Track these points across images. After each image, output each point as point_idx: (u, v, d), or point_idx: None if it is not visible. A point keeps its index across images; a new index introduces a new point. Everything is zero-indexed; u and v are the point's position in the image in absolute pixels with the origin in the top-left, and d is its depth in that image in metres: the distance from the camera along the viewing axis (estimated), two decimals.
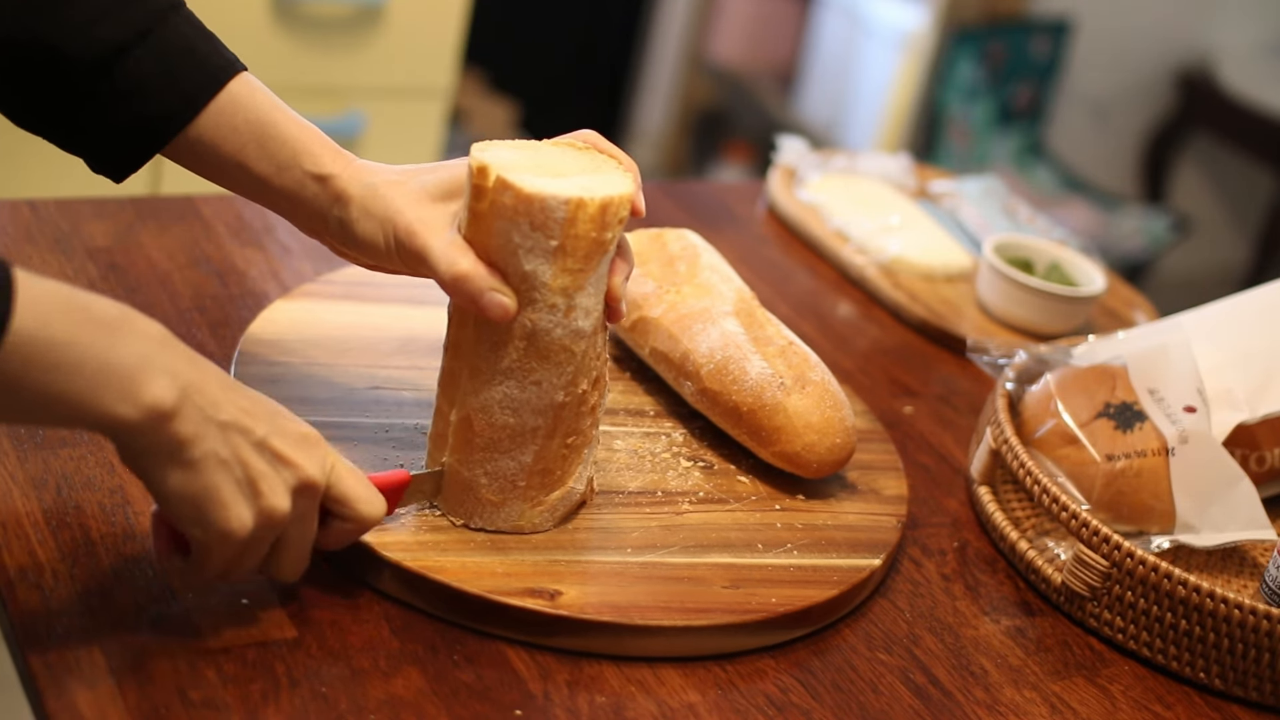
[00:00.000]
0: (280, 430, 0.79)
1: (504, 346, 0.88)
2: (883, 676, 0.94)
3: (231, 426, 0.77)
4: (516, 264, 0.86)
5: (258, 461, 0.78)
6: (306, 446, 0.80)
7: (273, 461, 0.79)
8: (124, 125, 0.91)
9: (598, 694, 0.86)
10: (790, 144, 1.67)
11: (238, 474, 0.77)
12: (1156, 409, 1.10)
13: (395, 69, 2.32)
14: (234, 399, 0.78)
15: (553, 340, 0.88)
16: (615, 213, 0.87)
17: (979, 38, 3.19)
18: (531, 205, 0.84)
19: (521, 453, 0.91)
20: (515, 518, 0.92)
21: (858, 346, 1.36)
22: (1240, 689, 0.99)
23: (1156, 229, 3.33)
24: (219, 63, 0.93)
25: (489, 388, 0.89)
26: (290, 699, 0.80)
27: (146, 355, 0.73)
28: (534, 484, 0.92)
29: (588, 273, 0.87)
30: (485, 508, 0.92)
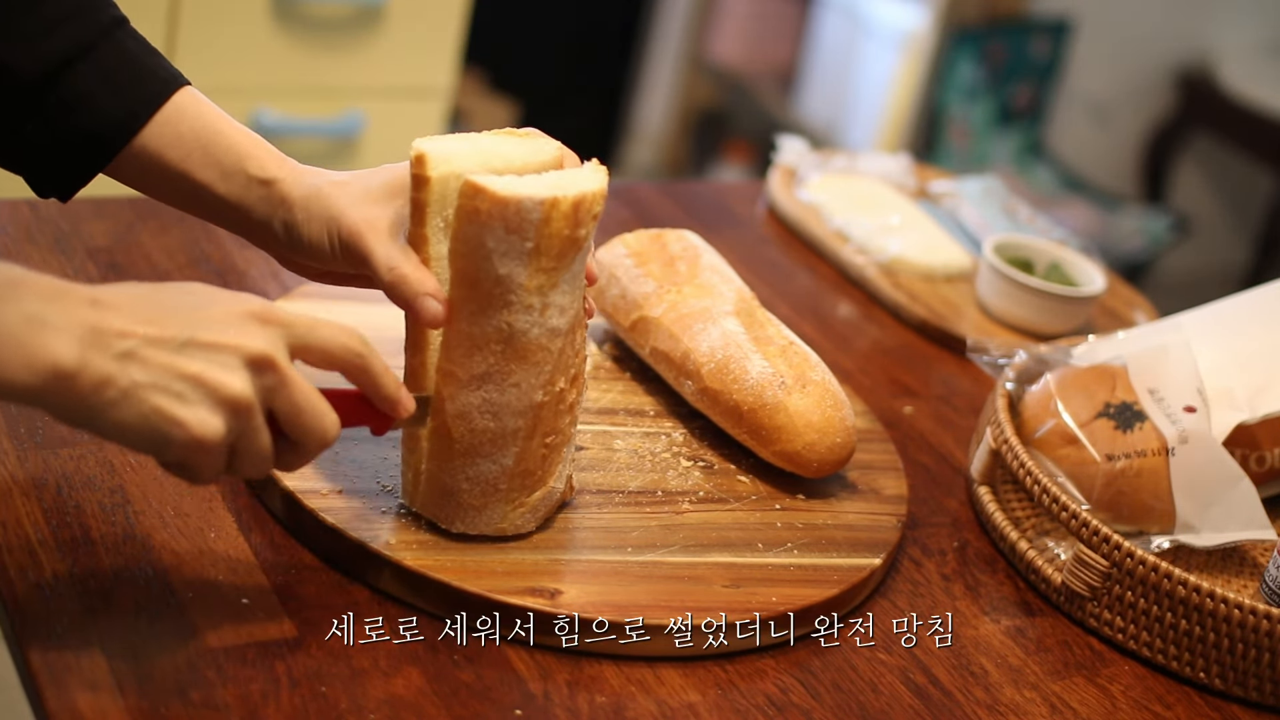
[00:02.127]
0: (205, 322, 0.75)
1: (480, 351, 0.87)
2: (883, 676, 0.94)
3: (144, 347, 0.73)
4: (490, 268, 0.85)
5: (189, 363, 0.74)
6: (244, 325, 0.76)
7: (207, 354, 0.75)
8: (70, 138, 0.91)
9: (598, 694, 0.86)
10: (790, 144, 1.67)
11: (176, 387, 0.74)
12: (1156, 409, 1.10)
13: (395, 69, 2.32)
14: (143, 317, 0.74)
15: (530, 340, 0.88)
16: (589, 209, 0.87)
17: (979, 38, 3.19)
18: (506, 209, 0.84)
19: (502, 455, 0.90)
20: (497, 520, 0.92)
21: (858, 346, 1.36)
22: (1240, 689, 0.99)
23: (1156, 229, 3.33)
24: (164, 76, 0.94)
25: (466, 393, 0.88)
26: (290, 699, 0.80)
27: (36, 315, 0.71)
28: (515, 486, 0.91)
29: (561, 270, 0.87)
30: (467, 512, 0.91)
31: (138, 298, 0.75)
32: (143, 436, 0.74)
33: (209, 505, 0.92)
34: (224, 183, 0.93)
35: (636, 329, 1.13)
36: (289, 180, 0.93)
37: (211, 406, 0.75)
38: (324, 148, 2.25)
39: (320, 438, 0.80)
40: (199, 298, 0.77)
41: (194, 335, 0.75)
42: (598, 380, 1.13)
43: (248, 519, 0.92)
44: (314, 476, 0.93)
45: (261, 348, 0.76)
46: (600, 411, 1.09)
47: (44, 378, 0.71)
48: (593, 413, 1.09)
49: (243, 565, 0.88)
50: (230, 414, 0.75)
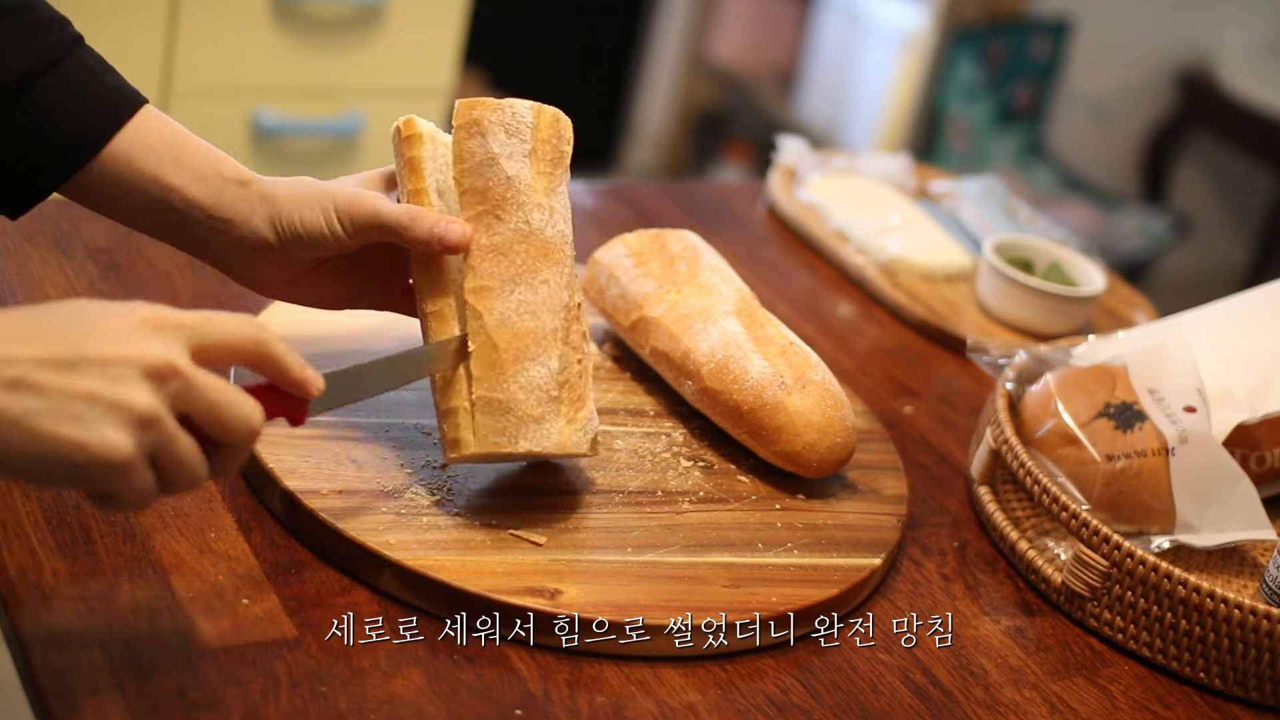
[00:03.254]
0: (95, 336, 0.71)
1: (506, 255, 0.93)
2: (883, 676, 0.94)
3: (34, 370, 0.69)
4: (500, 171, 0.93)
5: (83, 381, 0.69)
6: (138, 334, 0.72)
7: (101, 370, 0.70)
8: (31, 154, 0.91)
9: (598, 694, 0.86)
10: (790, 144, 1.67)
11: (71, 409, 0.69)
12: (1156, 409, 1.10)
13: (395, 69, 2.32)
14: (27, 338, 0.70)
15: (548, 238, 0.94)
16: (565, 128, 0.99)
17: (979, 38, 3.19)
18: (504, 113, 0.94)
19: (548, 357, 0.92)
20: (556, 434, 0.92)
21: (858, 346, 1.36)
22: (1240, 689, 0.99)
23: (1156, 229, 3.33)
24: (127, 93, 0.95)
25: (502, 301, 0.92)
26: (290, 699, 0.80)
27: None
28: (563, 396, 0.93)
29: (555, 181, 0.97)
30: (528, 425, 0.91)
31: (19, 321, 0.71)
32: (49, 468, 0.70)
33: (209, 505, 0.92)
34: (198, 185, 0.94)
35: (636, 329, 1.13)
36: (263, 180, 0.95)
37: (115, 424, 0.70)
38: (324, 148, 2.25)
39: (246, 429, 0.75)
40: (86, 313, 0.73)
41: (85, 351, 0.70)
42: (598, 380, 1.13)
43: (248, 519, 0.92)
44: (314, 476, 0.93)
45: (160, 355, 0.72)
46: (600, 411, 1.09)
47: None
48: None
49: (243, 565, 0.88)
50: (137, 429, 0.70)
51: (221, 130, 2.16)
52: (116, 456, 0.70)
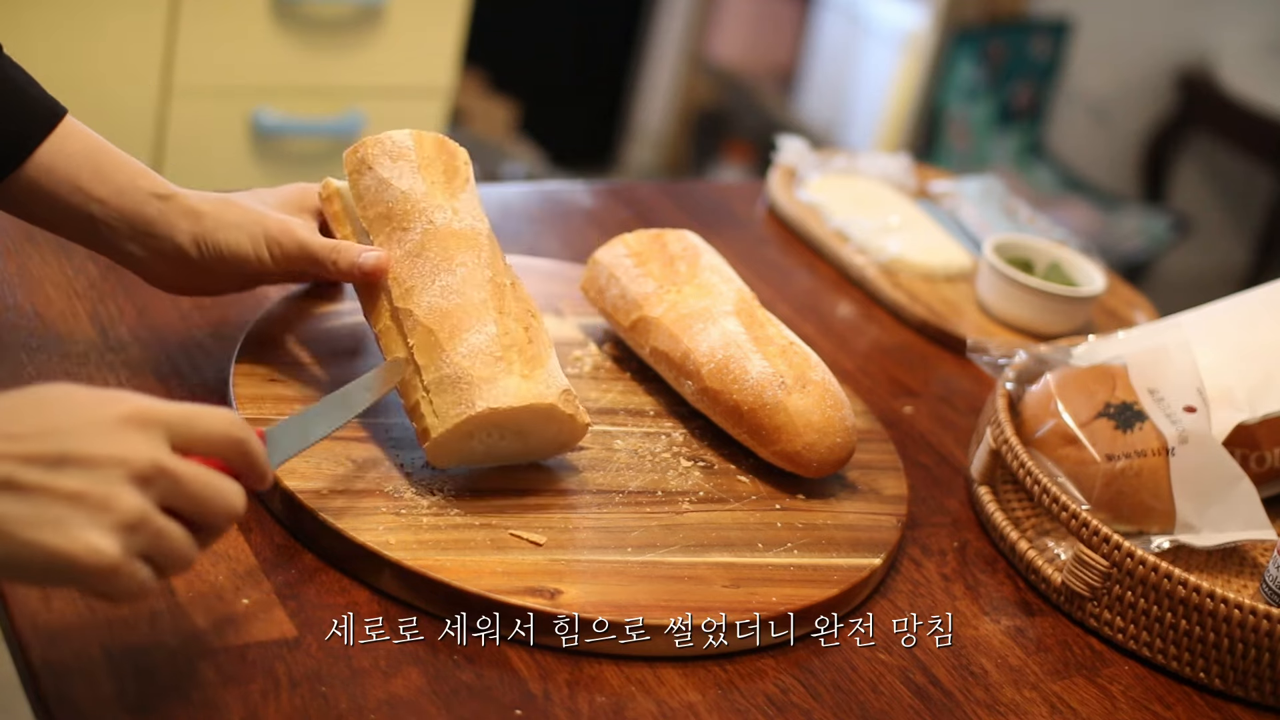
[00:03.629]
0: (79, 432, 0.69)
1: (419, 257, 0.98)
2: (883, 676, 0.94)
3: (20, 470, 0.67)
4: (393, 190, 1.01)
5: (69, 482, 0.68)
6: (122, 433, 0.70)
7: (86, 471, 0.68)
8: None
9: (598, 694, 0.86)
10: (790, 144, 1.67)
11: (54, 512, 0.67)
12: (1156, 409, 1.10)
13: (395, 69, 2.32)
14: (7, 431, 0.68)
15: (455, 230, 1.00)
16: (454, 151, 1.05)
17: (979, 38, 3.19)
18: (384, 144, 1.03)
19: (483, 325, 0.96)
20: (514, 389, 0.94)
21: (858, 346, 1.36)
22: (1240, 689, 0.99)
23: (1156, 229, 3.33)
24: (49, 103, 0.96)
25: (427, 292, 0.97)
26: (290, 699, 0.80)
27: None
28: (512, 356, 0.95)
29: (455, 186, 1.03)
30: (480, 386, 0.93)
31: (11, 405, 0.69)
32: (36, 573, 0.68)
33: None
34: (119, 198, 0.96)
35: (636, 329, 1.13)
36: (185, 195, 0.98)
37: (101, 529, 0.68)
38: (324, 148, 2.25)
39: (229, 515, 0.74)
40: (70, 402, 0.71)
41: (70, 449, 0.68)
42: (598, 380, 1.14)
43: (248, 519, 0.92)
44: (314, 476, 0.93)
45: (146, 457, 0.70)
46: (600, 411, 1.09)
47: None
48: (593, 413, 1.08)
49: (243, 565, 0.88)
50: (124, 532, 0.69)
51: (221, 130, 2.16)
52: (104, 562, 0.68)
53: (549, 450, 1.00)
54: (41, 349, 1.02)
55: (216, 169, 2.18)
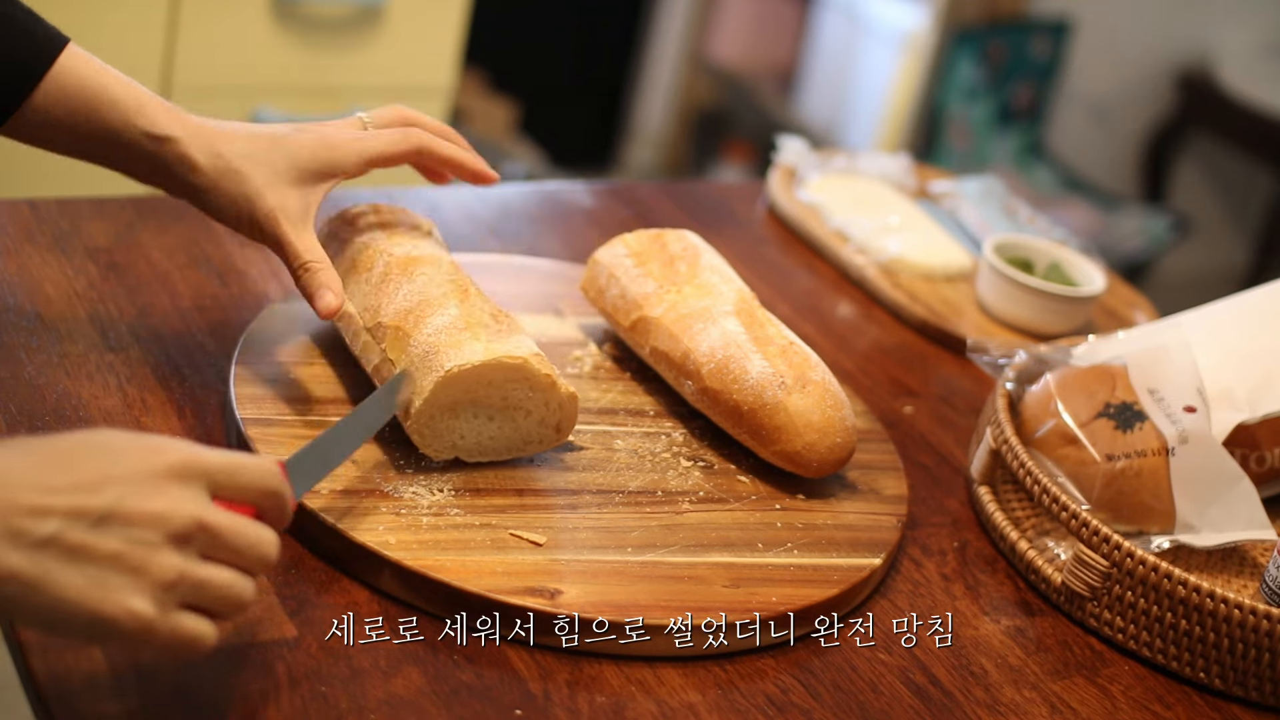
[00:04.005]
0: (125, 485, 0.69)
1: (384, 280, 1.02)
2: (883, 676, 0.94)
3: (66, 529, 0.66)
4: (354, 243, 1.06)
5: (109, 542, 0.67)
6: (164, 487, 0.70)
7: (127, 530, 0.68)
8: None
9: (598, 694, 0.86)
10: (790, 144, 1.67)
11: (95, 573, 0.67)
12: (1156, 409, 1.10)
13: (395, 69, 2.32)
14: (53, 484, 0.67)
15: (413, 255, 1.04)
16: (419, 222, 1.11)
17: (979, 38, 3.19)
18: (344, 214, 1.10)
19: (446, 308, 0.98)
20: (481, 350, 0.95)
21: (858, 346, 1.36)
22: (1240, 689, 0.99)
23: (1156, 229, 3.33)
24: (45, 35, 0.94)
25: (390, 303, 1.00)
26: (290, 699, 0.80)
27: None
28: (479, 328, 0.97)
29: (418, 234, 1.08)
30: (447, 352, 0.95)
31: (41, 460, 0.68)
32: (75, 631, 0.68)
33: None
34: (115, 138, 0.95)
35: (636, 329, 1.13)
36: (184, 140, 0.95)
37: (138, 592, 0.68)
38: None
39: (264, 564, 0.74)
40: (113, 453, 0.70)
41: (112, 506, 0.68)
42: (598, 380, 1.14)
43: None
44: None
45: (186, 514, 0.70)
46: (600, 411, 1.09)
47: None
48: (593, 413, 1.09)
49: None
50: (162, 592, 0.69)
51: None
52: (141, 624, 0.68)
53: (540, 435, 0.99)
54: (41, 349, 1.02)
55: None
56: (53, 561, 0.66)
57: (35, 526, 0.66)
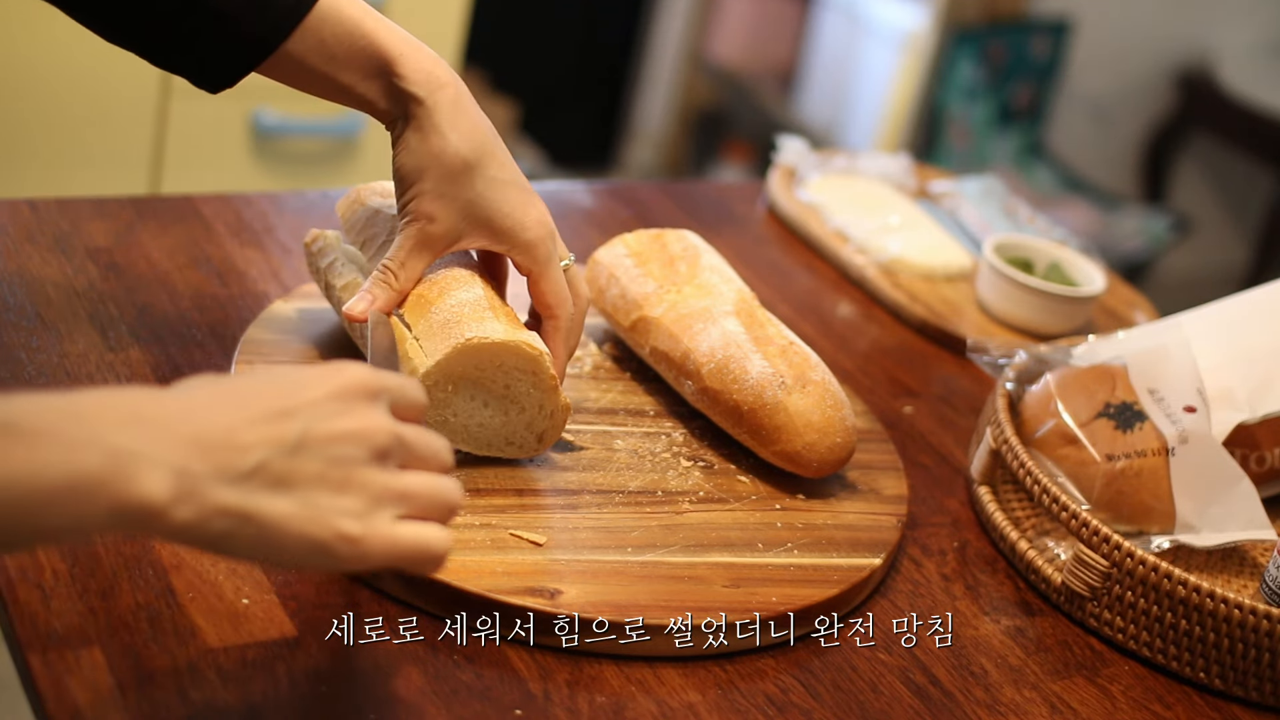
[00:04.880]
0: (312, 409, 0.69)
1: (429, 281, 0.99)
2: (883, 676, 0.94)
3: (266, 457, 0.66)
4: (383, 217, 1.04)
5: (310, 465, 0.68)
6: (357, 404, 0.70)
7: (326, 449, 0.68)
8: (215, 49, 0.93)
9: (598, 694, 0.86)
10: (790, 144, 1.67)
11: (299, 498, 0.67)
12: (1156, 409, 1.10)
13: None
14: (247, 420, 0.67)
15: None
16: None
17: (979, 38, 3.19)
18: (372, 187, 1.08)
19: (471, 286, 0.98)
20: (500, 332, 0.95)
21: (858, 346, 1.36)
22: (1240, 689, 0.99)
23: (1156, 229, 3.33)
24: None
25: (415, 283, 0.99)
26: (290, 699, 0.80)
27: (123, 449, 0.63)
28: (498, 313, 0.96)
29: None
30: (469, 325, 0.95)
31: (224, 399, 0.68)
32: (290, 560, 0.69)
33: None
34: (368, 104, 0.97)
35: (636, 329, 1.13)
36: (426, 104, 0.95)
37: (346, 510, 0.69)
38: (324, 148, 2.25)
39: (447, 469, 0.76)
40: (286, 382, 0.70)
41: (307, 430, 0.68)
42: (598, 380, 1.14)
43: None
44: None
45: (382, 429, 0.71)
46: (600, 411, 1.09)
47: (128, 519, 0.63)
48: (593, 413, 1.09)
49: (243, 565, 0.88)
50: (371, 505, 0.70)
51: (221, 130, 2.16)
52: (349, 545, 0.69)
53: (522, 440, 0.99)
54: (41, 349, 1.02)
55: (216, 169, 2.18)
56: (261, 492, 0.66)
57: (239, 460, 0.65)
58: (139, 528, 0.64)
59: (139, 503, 0.63)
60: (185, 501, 0.64)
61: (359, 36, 0.95)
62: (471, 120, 0.96)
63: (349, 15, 0.95)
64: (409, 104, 0.95)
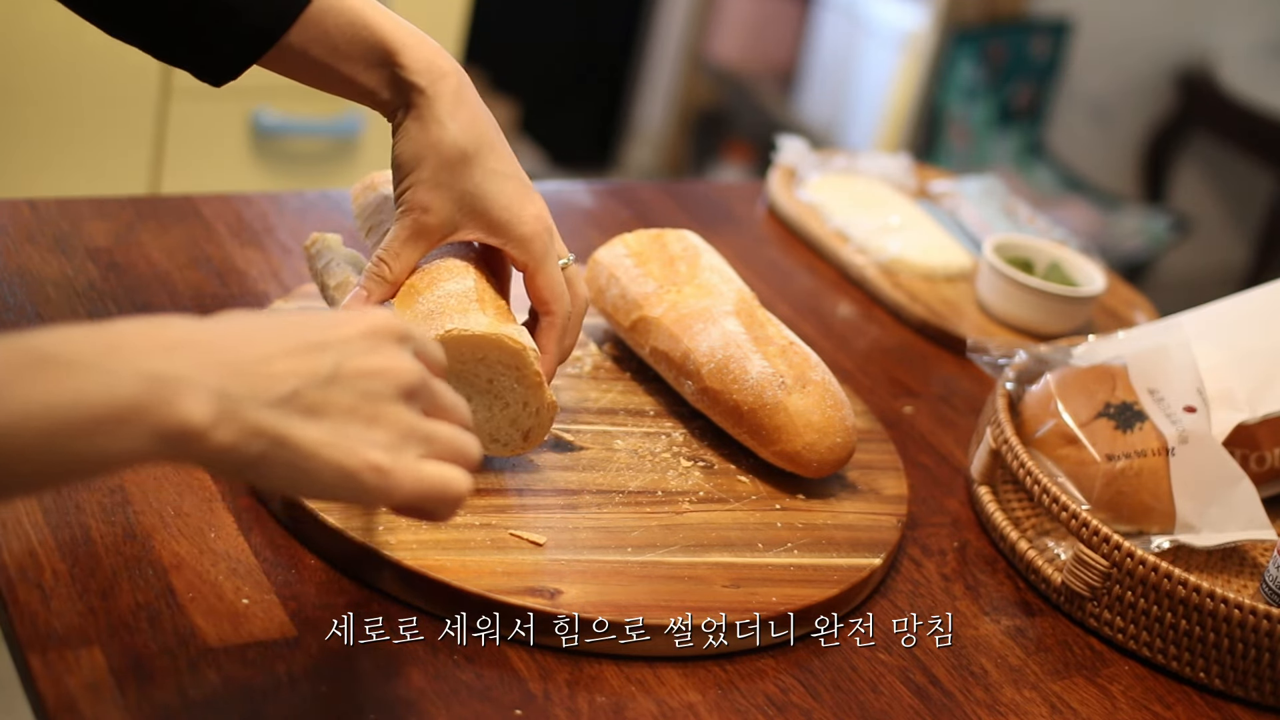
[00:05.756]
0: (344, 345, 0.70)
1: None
2: (883, 676, 0.94)
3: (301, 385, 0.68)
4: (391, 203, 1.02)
5: (343, 396, 0.69)
6: (382, 345, 0.72)
7: (357, 383, 0.70)
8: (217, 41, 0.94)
9: (598, 694, 0.86)
10: (790, 144, 1.67)
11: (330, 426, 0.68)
12: (1156, 409, 1.10)
13: None
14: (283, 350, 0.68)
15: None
16: None
17: (979, 38, 3.19)
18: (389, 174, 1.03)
19: (463, 278, 0.96)
20: (484, 325, 0.93)
21: (858, 346, 1.36)
22: (1240, 689, 0.99)
23: (1156, 229, 3.33)
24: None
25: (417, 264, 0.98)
26: (290, 699, 0.80)
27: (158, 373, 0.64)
28: (487, 306, 0.95)
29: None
30: (452, 316, 0.93)
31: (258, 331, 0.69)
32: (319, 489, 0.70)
33: (209, 505, 0.92)
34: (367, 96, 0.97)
35: (636, 329, 1.13)
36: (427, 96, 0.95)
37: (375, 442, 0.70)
38: (324, 148, 2.25)
39: (467, 425, 0.77)
40: (318, 320, 0.72)
41: (340, 364, 0.70)
42: (598, 380, 1.14)
43: (248, 519, 0.92)
44: None
45: (411, 369, 0.72)
46: (600, 411, 1.09)
47: (170, 444, 0.64)
48: (593, 413, 1.09)
49: (243, 565, 0.88)
50: (398, 440, 0.71)
51: (221, 130, 2.16)
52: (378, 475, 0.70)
53: (508, 437, 0.98)
54: None
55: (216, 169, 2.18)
56: (295, 417, 0.67)
57: (275, 386, 0.67)
58: (179, 451, 0.65)
59: (180, 425, 0.64)
60: (225, 423, 0.65)
61: (361, 27, 0.95)
62: (472, 111, 0.96)
63: (351, 5, 0.95)
64: (410, 93, 0.95)
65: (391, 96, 0.96)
